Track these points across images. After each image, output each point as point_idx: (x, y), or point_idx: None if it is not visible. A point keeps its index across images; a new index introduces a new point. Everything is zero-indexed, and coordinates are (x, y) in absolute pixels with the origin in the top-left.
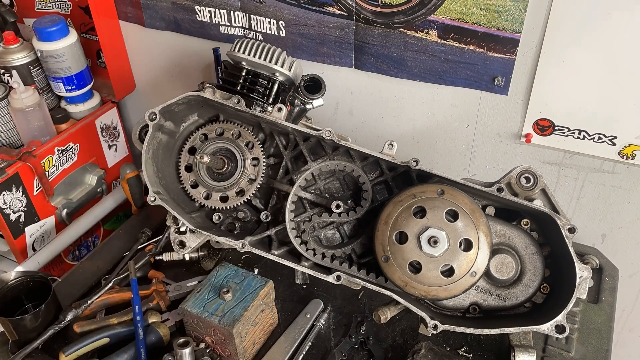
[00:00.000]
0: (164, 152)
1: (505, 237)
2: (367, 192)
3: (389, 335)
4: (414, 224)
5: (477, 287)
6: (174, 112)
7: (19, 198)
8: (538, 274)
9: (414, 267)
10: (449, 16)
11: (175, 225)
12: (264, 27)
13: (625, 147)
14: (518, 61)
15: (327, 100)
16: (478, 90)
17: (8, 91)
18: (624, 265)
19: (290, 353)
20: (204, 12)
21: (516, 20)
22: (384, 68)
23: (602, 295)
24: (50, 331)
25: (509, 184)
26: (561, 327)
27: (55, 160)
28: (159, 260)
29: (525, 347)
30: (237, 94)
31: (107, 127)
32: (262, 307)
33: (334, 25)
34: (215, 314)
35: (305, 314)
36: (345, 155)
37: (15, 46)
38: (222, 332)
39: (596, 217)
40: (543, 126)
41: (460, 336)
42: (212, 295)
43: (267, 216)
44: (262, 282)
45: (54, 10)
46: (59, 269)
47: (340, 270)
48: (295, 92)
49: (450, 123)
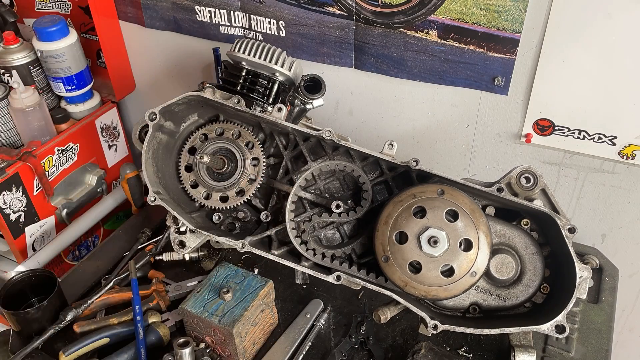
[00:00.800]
0: (164, 152)
1: (505, 237)
2: (367, 192)
3: (389, 335)
4: (414, 224)
5: (477, 287)
6: (174, 112)
7: (19, 198)
8: (538, 274)
9: (414, 267)
10: (449, 16)
11: (175, 225)
12: (264, 27)
13: (625, 147)
14: (518, 61)
15: (327, 100)
16: (478, 90)
17: (8, 91)
18: (624, 265)
19: (290, 353)
20: (204, 12)
21: (516, 20)
22: (384, 68)
23: (602, 295)
24: (51, 331)
25: (509, 184)
26: (561, 327)
27: (55, 160)
28: (159, 260)
29: (525, 347)
30: (237, 94)
31: (107, 127)
32: (262, 307)
33: (334, 25)
34: (215, 314)
35: (305, 314)
36: (345, 155)
37: (15, 46)
38: (222, 332)
39: (596, 217)
40: (543, 126)
41: (460, 336)
42: (212, 295)
43: (267, 216)
44: (262, 282)
45: (54, 10)
46: (59, 269)
47: (340, 270)
48: (295, 92)
49: (450, 123)
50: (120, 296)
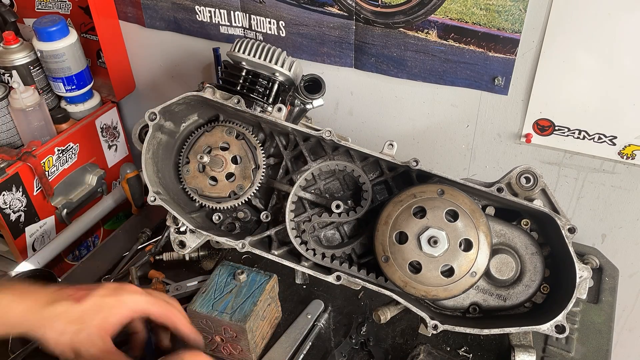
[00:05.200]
0: (164, 152)
1: (505, 237)
2: (367, 192)
3: (389, 335)
4: (414, 224)
5: (477, 287)
6: (174, 112)
7: (19, 198)
8: (538, 274)
9: (414, 267)
10: (449, 16)
11: (175, 225)
12: (264, 27)
13: (625, 147)
14: (518, 61)
15: (327, 100)
16: (478, 90)
17: (8, 91)
18: (624, 265)
19: (291, 353)
20: (204, 12)
21: (516, 20)
22: (384, 68)
23: (602, 295)
24: None
25: (509, 184)
26: (561, 327)
27: (55, 160)
28: (159, 260)
29: (525, 347)
30: (237, 94)
31: (107, 127)
32: (268, 301)
33: (334, 25)
34: (225, 312)
35: (306, 314)
36: (345, 155)
37: (15, 46)
38: (234, 329)
39: (596, 217)
40: (543, 126)
41: (460, 336)
42: (218, 294)
43: (267, 216)
44: (266, 277)
45: (54, 10)
46: (59, 269)
47: (340, 270)
48: (295, 92)
49: (450, 123)
50: None
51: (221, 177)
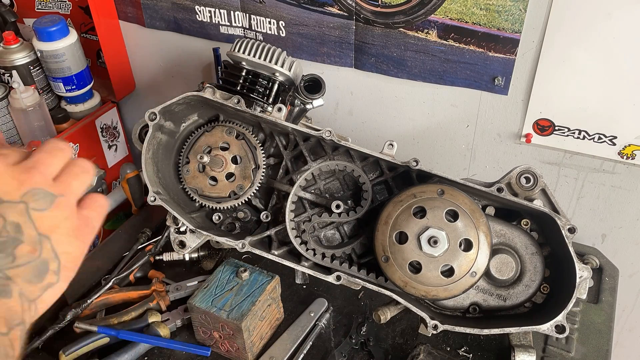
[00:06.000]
0: (164, 152)
1: (505, 237)
2: (367, 192)
3: (389, 335)
4: (414, 224)
5: (477, 287)
6: (174, 112)
7: None
8: (538, 274)
9: (414, 267)
10: (449, 16)
11: (175, 225)
12: (264, 27)
13: (625, 147)
14: (518, 61)
15: (327, 100)
16: (478, 90)
17: (8, 91)
18: (624, 265)
19: (291, 352)
20: (204, 12)
21: (516, 20)
22: (384, 68)
23: (602, 295)
24: (50, 331)
25: (509, 184)
26: (561, 327)
27: None
28: (159, 260)
29: (525, 347)
30: (237, 94)
31: (107, 127)
32: (269, 302)
33: (334, 25)
34: (224, 309)
35: (309, 312)
36: (345, 155)
37: (15, 46)
38: (230, 327)
39: (596, 217)
40: (543, 126)
41: (460, 336)
42: (219, 291)
43: (267, 216)
44: (268, 277)
45: (54, 10)
46: None
47: (340, 270)
48: (295, 92)
49: (450, 123)
50: (120, 296)
51: (221, 177)
